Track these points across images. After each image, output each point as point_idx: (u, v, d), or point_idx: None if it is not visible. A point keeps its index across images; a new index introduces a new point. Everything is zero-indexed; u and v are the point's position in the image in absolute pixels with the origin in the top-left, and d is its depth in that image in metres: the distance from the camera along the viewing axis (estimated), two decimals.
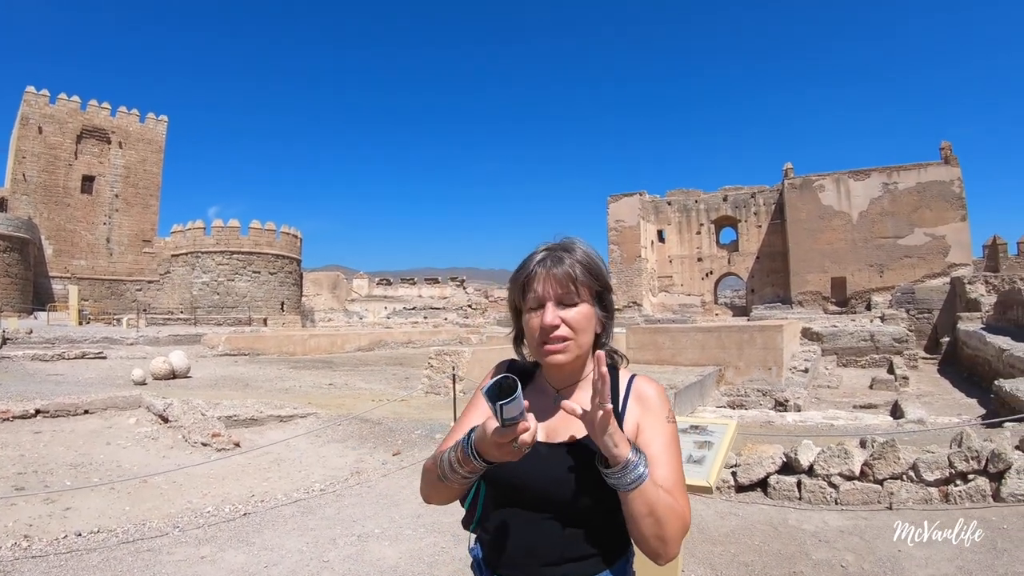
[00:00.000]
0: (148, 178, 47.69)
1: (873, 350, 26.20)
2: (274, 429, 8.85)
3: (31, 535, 4.85)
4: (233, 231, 43.67)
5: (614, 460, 1.31)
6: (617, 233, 45.36)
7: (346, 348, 25.02)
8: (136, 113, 47.44)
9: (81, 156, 44.26)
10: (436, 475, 1.48)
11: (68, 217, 43.11)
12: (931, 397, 17.00)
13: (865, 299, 38.30)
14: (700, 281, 46.62)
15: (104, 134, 45.39)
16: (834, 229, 39.75)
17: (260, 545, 4.74)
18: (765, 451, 5.92)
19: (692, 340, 17.08)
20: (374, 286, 77.77)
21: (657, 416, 1.52)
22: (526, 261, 1.56)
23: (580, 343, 1.51)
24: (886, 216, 38.47)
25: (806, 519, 5.20)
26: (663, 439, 1.48)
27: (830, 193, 40.02)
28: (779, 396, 13.31)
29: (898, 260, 38.07)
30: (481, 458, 1.35)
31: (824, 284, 40.09)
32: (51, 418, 8.75)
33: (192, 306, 41.62)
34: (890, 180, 38.53)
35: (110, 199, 45.35)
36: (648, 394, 1.55)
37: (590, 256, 1.56)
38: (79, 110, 44.32)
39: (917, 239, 37.74)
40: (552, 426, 1.53)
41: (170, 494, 6.01)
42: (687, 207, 47.15)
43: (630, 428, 1.49)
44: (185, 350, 17.79)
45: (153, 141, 48.36)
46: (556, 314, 1.48)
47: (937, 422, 9.44)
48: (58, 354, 17.95)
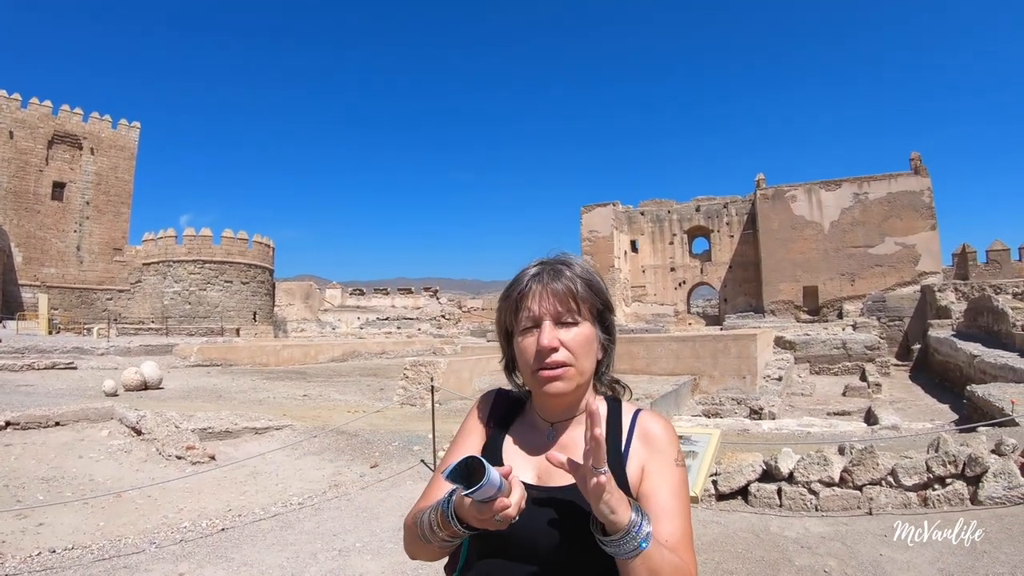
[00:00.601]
0: (120, 185, 47.02)
1: (845, 358, 26.51)
2: (250, 441, 8.74)
3: (3, 552, 4.75)
4: (205, 240, 43.19)
5: (612, 527, 1.13)
6: (590, 243, 45.58)
7: (320, 359, 24.84)
8: (108, 119, 46.78)
9: (52, 162, 43.52)
10: (417, 534, 1.30)
11: (38, 224, 42.35)
12: (904, 403, 17.25)
13: (837, 308, 38.81)
14: (673, 291, 47.05)
15: (76, 140, 44.70)
16: (806, 239, 40.28)
17: (239, 561, 4.67)
18: (745, 459, 5.94)
19: (667, 350, 17.15)
20: (347, 296, 77.31)
21: (666, 459, 1.33)
22: (519, 276, 1.39)
23: (581, 369, 1.33)
24: (857, 226, 39.07)
25: (788, 526, 5.23)
26: (671, 486, 1.30)
27: (802, 203, 40.57)
28: (754, 404, 13.41)
29: (869, 269, 38.65)
30: (462, 524, 1.18)
31: (796, 293, 40.58)
32: (21, 430, 8.55)
33: (164, 316, 41.04)
34: (861, 190, 39.17)
35: (81, 206, 44.64)
36: (655, 433, 1.36)
37: (590, 271, 1.41)
38: (51, 115, 43.61)
39: (888, 248, 38.36)
40: (545, 467, 1.34)
41: (145, 509, 5.91)
42: (660, 217, 47.59)
43: (634, 472, 1.32)
44: (157, 360, 17.56)
45: (125, 148, 47.70)
46: (554, 335, 1.30)
47: (911, 428, 9.54)
48: (27, 364, 17.65)
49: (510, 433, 1.45)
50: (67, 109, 44.53)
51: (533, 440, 1.41)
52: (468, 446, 1.45)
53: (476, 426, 1.50)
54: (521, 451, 1.41)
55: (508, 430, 1.46)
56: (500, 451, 1.41)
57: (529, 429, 1.44)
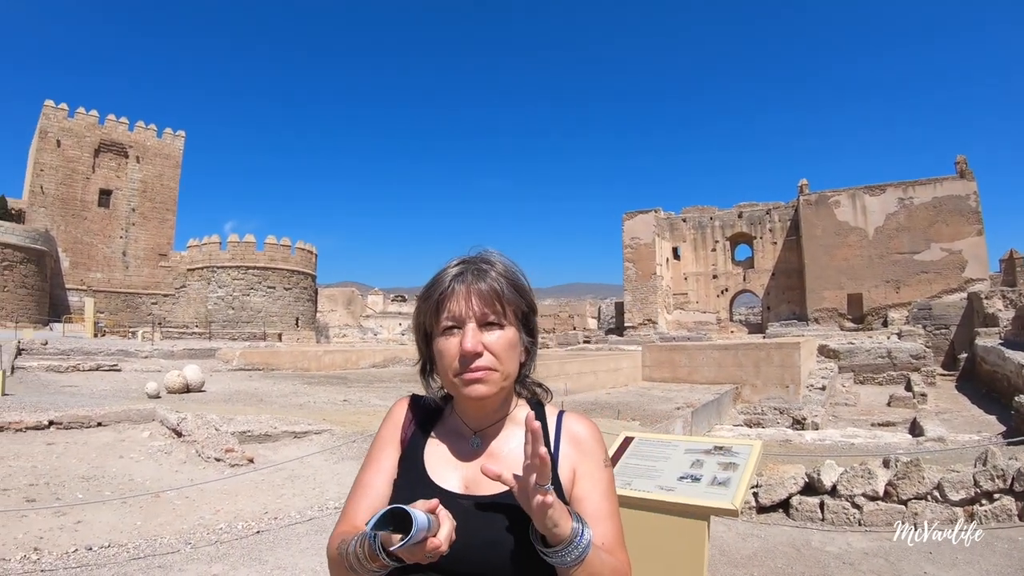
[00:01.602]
0: (165, 192, 48.12)
1: (890, 367, 25.98)
2: (288, 445, 8.80)
3: (41, 548, 4.81)
4: (249, 246, 43.97)
5: (555, 539, 1.11)
6: (632, 250, 45.30)
7: (361, 364, 25.02)
8: (154, 128, 47.93)
9: (98, 170, 44.71)
10: (343, 565, 1.16)
11: (85, 230, 43.50)
12: (949, 414, 16.80)
13: (882, 315, 37.99)
14: (715, 298, 46.39)
15: (122, 148, 45.86)
16: (850, 245, 39.49)
17: (273, 564, 4.68)
18: (787, 471, 5.81)
19: (709, 358, 16.98)
20: (388, 302, 77.97)
21: (595, 461, 1.32)
22: (439, 276, 1.33)
23: (505, 372, 1.29)
24: (902, 231, 38.19)
25: (829, 540, 5.09)
26: (602, 489, 1.30)
27: (846, 209, 39.80)
28: (796, 414, 13.18)
29: (914, 276, 37.75)
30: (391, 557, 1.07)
31: (840, 301, 39.78)
32: (64, 430, 8.75)
33: (207, 320, 41.78)
34: (906, 195, 38.29)
35: (127, 213, 45.75)
36: (583, 435, 1.35)
37: (513, 271, 1.36)
38: (97, 124, 44.83)
39: (933, 254, 37.41)
40: (472, 475, 1.30)
41: (182, 510, 5.97)
42: (702, 224, 47.02)
43: (566, 475, 1.30)
44: (199, 364, 17.81)
45: (170, 156, 48.83)
46: (478, 338, 1.25)
47: (958, 440, 9.29)
48: (72, 366, 18.03)
49: (431, 440, 1.39)
50: (113, 119, 45.75)
51: (457, 447, 1.36)
52: (386, 457, 1.38)
53: (393, 435, 1.42)
54: (444, 459, 1.35)
55: (427, 437, 1.39)
56: (421, 460, 1.35)
57: (452, 435, 1.38)
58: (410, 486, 1.30)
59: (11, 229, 36.89)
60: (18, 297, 36.07)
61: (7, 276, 35.66)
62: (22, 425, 8.46)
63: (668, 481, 2.70)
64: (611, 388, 16.71)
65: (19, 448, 7.80)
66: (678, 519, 2.53)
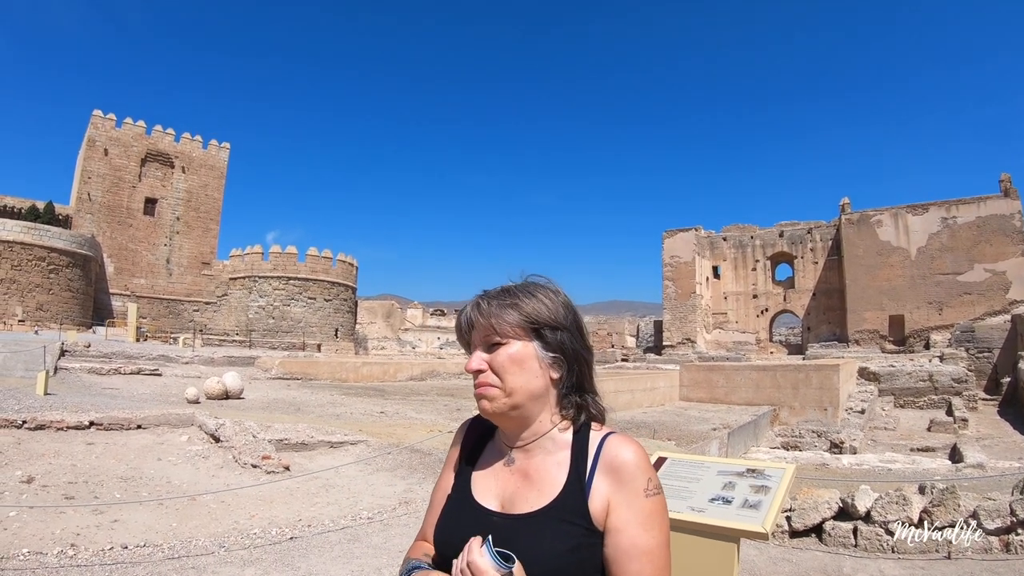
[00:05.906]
0: (209, 202, 49.05)
1: (931, 391, 25.43)
2: (324, 454, 8.89)
3: (78, 544, 4.93)
4: (290, 257, 44.63)
5: None
6: (672, 269, 45.06)
7: (398, 377, 25.15)
8: (199, 139, 48.96)
9: (145, 179, 45.75)
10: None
11: (130, 237, 44.48)
12: (991, 440, 16.39)
13: (923, 338, 37.20)
14: (755, 318, 45.84)
15: (168, 158, 46.89)
16: (892, 265, 38.79)
17: (305, 570, 4.74)
18: (821, 496, 5.73)
19: (746, 379, 16.79)
20: (428, 316, 78.32)
21: (634, 490, 1.25)
22: (464, 307, 1.43)
23: (508, 388, 1.30)
24: (945, 251, 37.41)
25: (862, 567, 5.01)
26: (641, 519, 1.24)
27: (888, 228, 39.12)
28: (835, 438, 12.97)
29: (957, 297, 36.91)
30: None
31: (882, 322, 39.06)
32: (104, 431, 8.92)
33: (248, 329, 42.42)
34: (949, 214, 37.54)
35: (171, 221, 46.70)
36: (622, 461, 1.28)
37: (533, 291, 1.37)
38: (144, 134, 45.91)
39: (977, 275, 36.58)
40: (508, 494, 1.34)
41: (218, 513, 6.07)
42: (742, 243, 46.57)
43: (597, 507, 1.25)
44: (239, 371, 18.07)
45: (215, 167, 49.79)
46: (480, 357, 1.33)
47: (998, 466, 9.07)
48: (114, 369, 18.36)
49: (481, 458, 1.47)
50: (160, 129, 46.81)
51: (498, 465, 1.41)
52: (446, 475, 1.52)
53: (453, 454, 1.54)
54: (486, 476, 1.42)
55: (479, 455, 1.48)
56: (469, 478, 1.44)
57: (496, 454, 1.43)
58: (458, 502, 1.41)
59: (58, 234, 37.88)
60: (63, 300, 36.99)
61: (53, 279, 36.60)
62: (63, 424, 8.63)
63: (699, 502, 2.69)
64: (648, 407, 16.57)
65: (60, 447, 7.97)
66: (708, 541, 2.53)
